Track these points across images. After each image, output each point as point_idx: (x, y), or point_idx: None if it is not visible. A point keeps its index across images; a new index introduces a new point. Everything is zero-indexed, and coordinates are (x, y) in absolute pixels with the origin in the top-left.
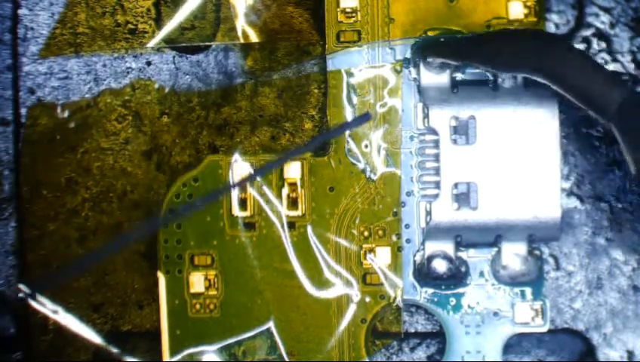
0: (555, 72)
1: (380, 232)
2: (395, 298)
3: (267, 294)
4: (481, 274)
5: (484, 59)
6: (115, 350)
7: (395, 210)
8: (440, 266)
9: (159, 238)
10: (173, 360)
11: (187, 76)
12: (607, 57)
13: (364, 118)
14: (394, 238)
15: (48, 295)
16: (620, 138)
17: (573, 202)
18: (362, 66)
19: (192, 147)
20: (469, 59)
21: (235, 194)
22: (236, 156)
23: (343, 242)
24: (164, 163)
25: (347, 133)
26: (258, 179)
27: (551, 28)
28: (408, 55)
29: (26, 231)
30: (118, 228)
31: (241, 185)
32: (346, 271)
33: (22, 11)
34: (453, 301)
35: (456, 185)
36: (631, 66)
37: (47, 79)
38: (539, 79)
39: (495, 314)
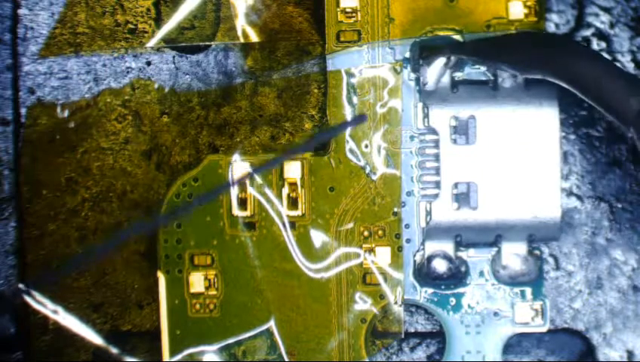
0: (572, 77)
1: (380, 232)
2: (396, 302)
3: (267, 294)
4: (481, 274)
5: (501, 58)
6: (115, 350)
7: (395, 209)
8: (440, 266)
9: (159, 238)
10: (173, 360)
11: (187, 76)
12: (607, 57)
13: (360, 118)
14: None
15: (48, 295)
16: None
17: (573, 202)
18: (362, 66)
19: (192, 147)
20: (488, 58)
21: (233, 193)
22: (236, 156)
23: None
24: (164, 163)
25: (347, 133)
26: (251, 179)
27: (551, 28)
28: (408, 55)
29: (26, 231)
30: (118, 228)
31: (236, 185)
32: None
33: (22, 11)
34: (453, 301)
35: (456, 185)
36: (631, 66)
37: (47, 79)
38: (557, 82)
39: (495, 314)
